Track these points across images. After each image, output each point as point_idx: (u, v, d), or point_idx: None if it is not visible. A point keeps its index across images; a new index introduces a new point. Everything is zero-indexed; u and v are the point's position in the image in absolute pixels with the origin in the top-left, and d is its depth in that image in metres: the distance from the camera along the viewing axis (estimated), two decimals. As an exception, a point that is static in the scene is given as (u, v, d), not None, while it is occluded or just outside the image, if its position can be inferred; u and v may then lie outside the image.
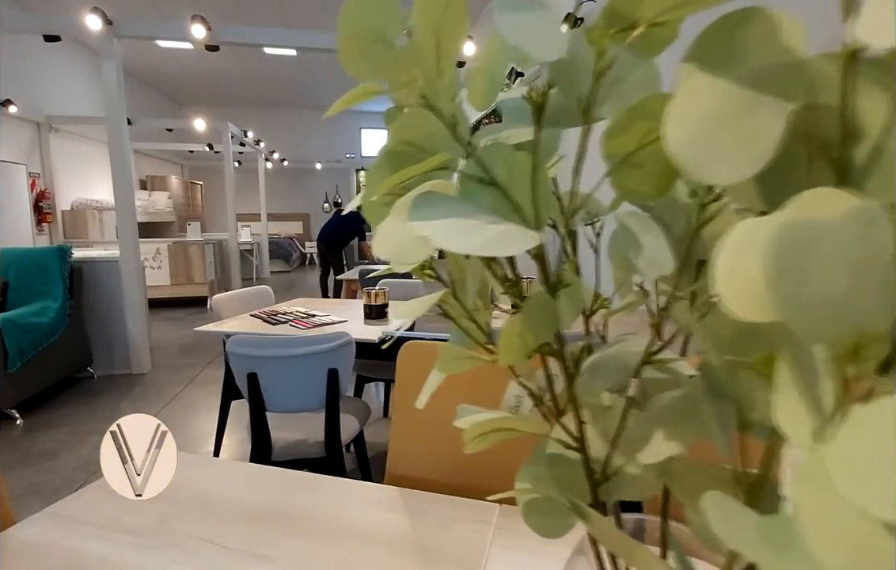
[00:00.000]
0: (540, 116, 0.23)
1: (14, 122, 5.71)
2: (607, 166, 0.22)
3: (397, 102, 0.29)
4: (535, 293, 0.24)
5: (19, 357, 2.69)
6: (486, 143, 0.24)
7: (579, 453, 0.27)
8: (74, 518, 0.74)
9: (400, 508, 0.76)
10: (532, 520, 0.30)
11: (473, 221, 0.21)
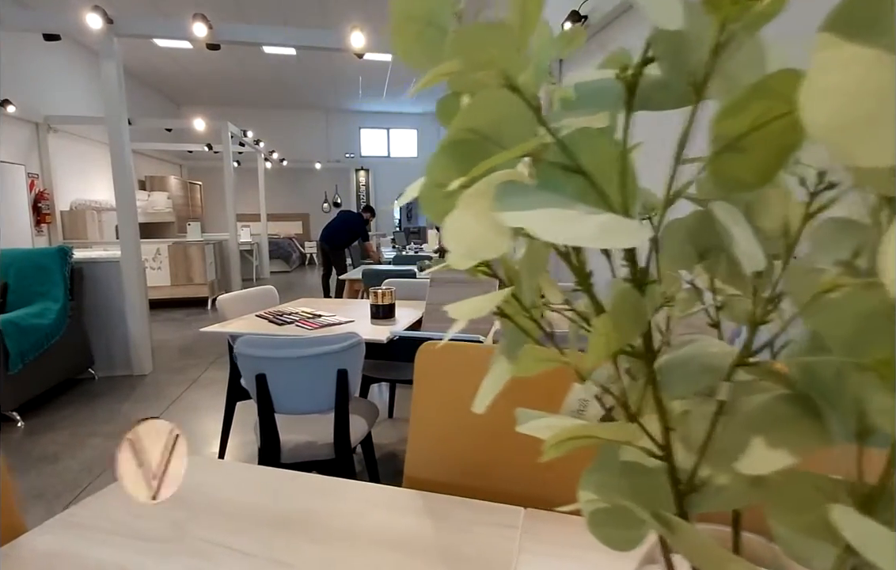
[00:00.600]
0: (631, 97, 0.21)
1: (12, 122, 5.67)
2: (711, 150, 0.20)
3: (461, 87, 0.28)
4: (622, 289, 0.22)
5: (20, 359, 2.66)
6: (569, 127, 0.22)
7: (663, 461, 0.25)
8: (87, 525, 0.72)
9: (421, 512, 0.74)
10: (600, 532, 0.29)
11: (570, 211, 0.19)
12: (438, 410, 0.89)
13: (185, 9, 5.57)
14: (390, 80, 9.78)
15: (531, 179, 0.24)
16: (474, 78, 0.23)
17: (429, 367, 0.87)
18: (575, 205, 0.20)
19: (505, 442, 0.87)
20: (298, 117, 12.05)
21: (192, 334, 4.96)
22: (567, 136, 0.22)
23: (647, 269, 0.23)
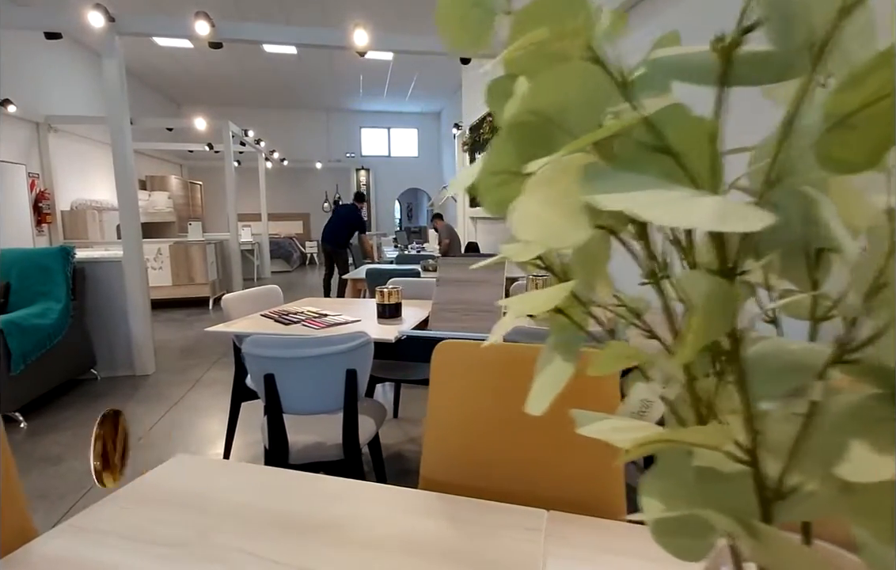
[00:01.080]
0: (727, 70, 0.19)
1: (13, 121, 5.65)
2: (821, 128, 0.18)
3: (520, 67, 0.26)
4: (715, 281, 0.20)
5: (22, 360, 2.64)
6: (657, 106, 0.20)
7: (748, 466, 0.23)
8: (101, 529, 0.70)
9: (441, 515, 0.72)
10: (667, 541, 0.27)
11: (675, 193, 0.17)
12: (455, 409, 0.88)
13: (186, 7, 5.56)
14: (391, 79, 9.76)
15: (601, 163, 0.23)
16: (549, 51, 0.21)
17: (445, 366, 0.85)
18: (672, 186, 0.18)
19: (522, 442, 0.85)
20: (299, 117, 12.02)
21: (193, 335, 4.94)
22: (656, 114, 0.20)
23: (738, 259, 0.21)
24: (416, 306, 2.31)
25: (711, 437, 0.22)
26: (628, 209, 0.16)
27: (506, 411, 0.86)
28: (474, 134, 6.94)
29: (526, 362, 0.86)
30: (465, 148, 7.56)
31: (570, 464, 0.80)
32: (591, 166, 0.19)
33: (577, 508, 0.73)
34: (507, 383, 0.86)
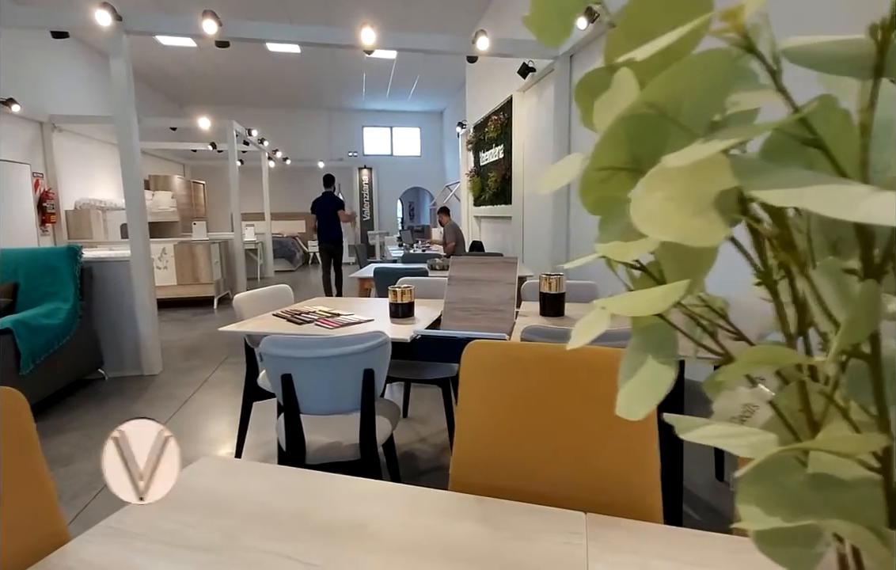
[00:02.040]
0: (882, 60, 0.18)
1: (17, 121, 5.64)
2: None
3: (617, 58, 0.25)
4: (868, 282, 0.19)
5: (31, 360, 2.64)
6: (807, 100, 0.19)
7: (878, 473, 0.22)
8: (133, 533, 0.69)
9: (476, 517, 0.71)
10: (773, 551, 0.26)
11: (849, 188, 0.16)
12: (485, 409, 0.87)
13: (188, 6, 5.55)
14: (394, 78, 9.74)
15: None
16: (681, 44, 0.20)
17: (475, 365, 0.84)
18: (837, 181, 0.17)
19: (555, 444, 0.84)
20: (301, 116, 12.01)
21: (198, 334, 4.94)
22: (809, 108, 0.19)
23: (885, 258, 0.20)
24: (427, 305, 2.30)
25: (848, 444, 0.21)
26: (806, 205, 0.15)
27: (538, 412, 0.85)
28: (478, 133, 6.92)
29: (557, 361, 0.85)
30: (469, 146, 7.55)
31: (605, 466, 0.79)
32: (741, 160, 0.18)
33: (613, 510, 0.72)
34: (539, 383, 0.85)
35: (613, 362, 0.81)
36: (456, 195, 9.53)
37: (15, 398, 0.69)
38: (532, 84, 4.98)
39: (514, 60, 4.64)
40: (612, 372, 0.88)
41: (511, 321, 2.02)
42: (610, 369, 0.81)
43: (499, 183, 5.97)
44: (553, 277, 2.09)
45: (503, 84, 5.72)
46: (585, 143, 4.17)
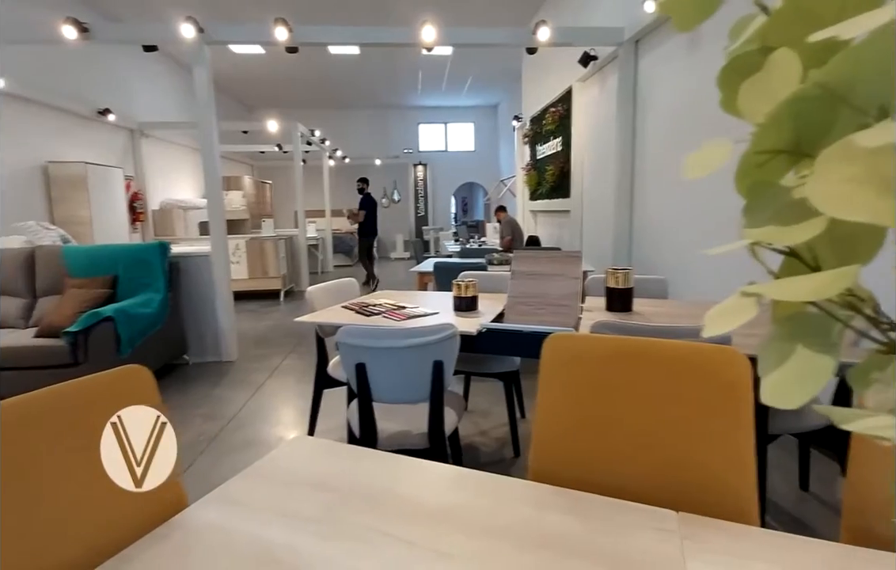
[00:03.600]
0: None
1: (112, 129, 6.25)
2: None
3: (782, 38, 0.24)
4: None
5: (129, 344, 2.93)
6: None
7: None
8: (242, 502, 0.76)
9: (564, 509, 0.72)
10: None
11: None
12: (566, 401, 0.87)
13: (257, 15, 5.87)
14: (449, 74, 9.78)
15: None
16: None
17: (557, 358, 0.84)
18: None
19: (642, 439, 0.82)
20: (359, 115, 12.37)
21: (268, 325, 5.24)
22: None
23: None
24: (487, 299, 2.31)
25: None
26: None
27: (621, 406, 0.83)
28: (535, 125, 6.80)
29: (641, 355, 0.83)
30: (525, 140, 7.44)
31: (696, 465, 0.77)
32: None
33: (705, 510, 0.70)
34: (622, 377, 0.83)
35: (701, 358, 0.78)
36: (511, 190, 9.44)
37: (143, 374, 0.77)
38: (593, 73, 4.82)
39: (573, 50, 4.51)
40: (700, 368, 0.84)
41: (576, 316, 1.99)
42: (698, 364, 0.78)
43: (556, 176, 5.85)
44: (620, 271, 2.03)
45: (562, 75, 5.59)
46: (650, 131, 3.96)
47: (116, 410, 0.71)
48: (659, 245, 3.58)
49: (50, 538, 0.63)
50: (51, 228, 3.90)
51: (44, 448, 0.65)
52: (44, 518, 0.64)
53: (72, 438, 0.68)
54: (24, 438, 0.63)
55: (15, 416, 0.63)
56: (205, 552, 0.65)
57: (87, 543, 0.66)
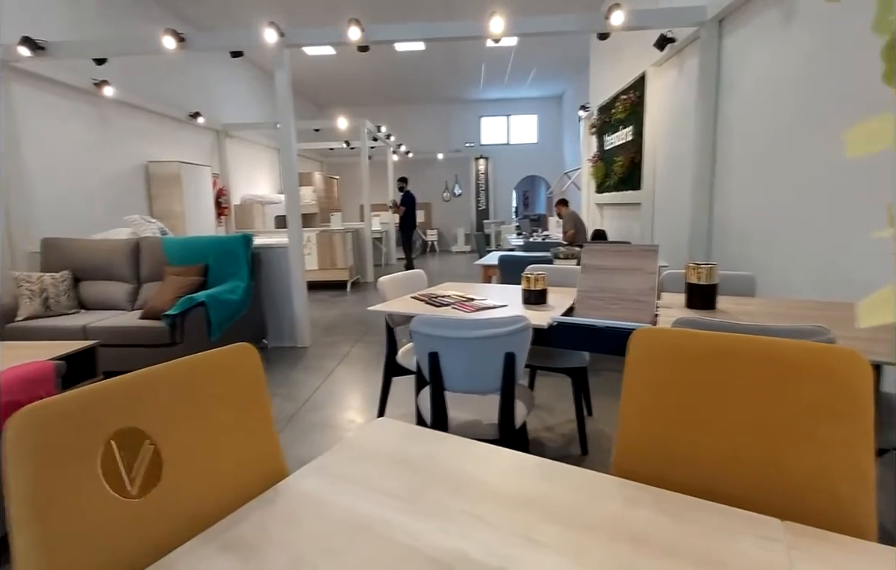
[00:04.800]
0: None
1: (200, 130, 6.81)
2: None
3: None
4: None
5: (219, 328, 3.19)
6: None
7: None
8: (336, 475, 0.81)
9: (654, 508, 0.70)
10: None
11: None
12: (653, 398, 0.84)
13: (327, 18, 6.13)
14: (513, 65, 9.64)
15: None
16: None
17: (644, 353, 0.81)
18: None
19: (739, 440, 0.78)
20: (423, 111, 12.55)
21: (336, 314, 5.50)
22: None
23: None
24: (554, 293, 2.27)
25: None
26: None
27: (716, 406, 0.79)
28: (603, 115, 6.55)
29: (742, 353, 0.78)
30: (592, 130, 7.18)
31: (804, 471, 0.71)
32: None
33: (812, 521, 0.65)
34: (719, 374, 0.79)
35: (814, 357, 0.72)
36: (575, 183, 9.16)
37: (251, 352, 0.85)
38: (670, 56, 4.55)
39: (647, 33, 4.28)
40: (813, 369, 0.78)
41: (652, 312, 1.90)
42: (809, 364, 0.73)
43: (626, 168, 5.59)
44: (704, 267, 1.91)
45: (634, 60, 5.32)
46: (735, 117, 3.68)
47: (231, 382, 0.79)
48: (743, 240, 3.32)
49: (180, 492, 0.72)
50: (152, 221, 4.34)
51: (171, 413, 0.74)
52: (174, 476, 0.72)
53: (193, 405, 0.77)
54: (156, 404, 0.72)
55: (148, 384, 0.72)
56: (307, 516, 0.70)
57: (210, 499, 0.74)
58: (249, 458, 0.81)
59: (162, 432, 0.72)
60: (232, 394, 0.81)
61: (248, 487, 0.78)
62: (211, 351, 0.82)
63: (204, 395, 0.77)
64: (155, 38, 3.61)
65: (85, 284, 3.68)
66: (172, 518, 0.68)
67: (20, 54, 3.67)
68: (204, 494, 0.74)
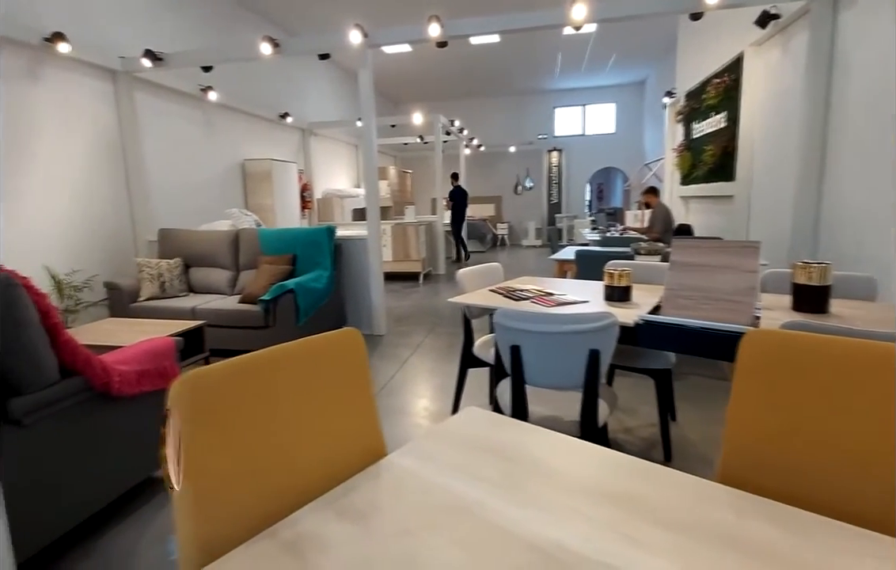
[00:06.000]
0: None
1: (288, 130, 7.30)
2: None
3: None
4: None
5: (305, 314, 3.43)
6: None
7: None
8: (431, 457, 0.85)
9: (765, 519, 0.66)
10: None
11: None
12: (766, 404, 0.79)
13: (404, 17, 6.27)
14: (591, 53, 9.27)
15: None
16: None
17: (760, 356, 0.77)
18: None
19: (860, 454, 0.72)
20: (494, 103, 12.47)
21: (409, 304, 5.66)
22: None
23: None
24: (638, 290, 2.17)
25: None
26: None
27: (838, 416, 0.73)
28: (692, 101, 6.10)
29: (865, 362, 0.71)
30: (678, 118, 6.73)
31: None
32: None
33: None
34: (841, 383, 0.73)
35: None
36: (657, 175, 8.64)
37: (356, 336, 0.91)
38: (773, 34, 4.14)
39: (746, 10, 3.92)
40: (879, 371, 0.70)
41: (751, 314, 1.77)
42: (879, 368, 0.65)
43: (718, 157, 5.18)
44: (815, 266, 1.74)
45: (730, 40, 4.90)
46: (852, 101, 3.29)
47: (340, 363, 0.85)
48: (857, 238, 2.96)
49: (300, 458, 0.80)
50: (248, 213, 4.74)
51: (292, 387, 0.82)
52: (296, 443, 0.80)
53: (309, 381, 0.84)
54: (280, 378, 0.80)
55: (275, 361, 0.80)
56: (409, 492, 0.75)
57: (324, 468, 0.81)
58: (355, 433, 0.88)
59: (286, 403, 0.80)
60: (341, 373, 0.88)
61: (354, 461, 0.84)
62: (323, 334, 0.89)
63: (318, 373, 0.85)
64: (254, 45, 3.92)
65: (193, 269, 4.12)
66: (294, 481, 0.76)
67: (142, 65, 4.15)
68: (319, 462, 0.82)
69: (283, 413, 0.79)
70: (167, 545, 1.69)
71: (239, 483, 0.70)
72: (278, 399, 0.78)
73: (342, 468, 0.82)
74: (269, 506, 0.71)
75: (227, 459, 0.70)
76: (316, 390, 0.84)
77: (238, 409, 0.72)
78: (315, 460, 0.82)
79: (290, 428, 0.79)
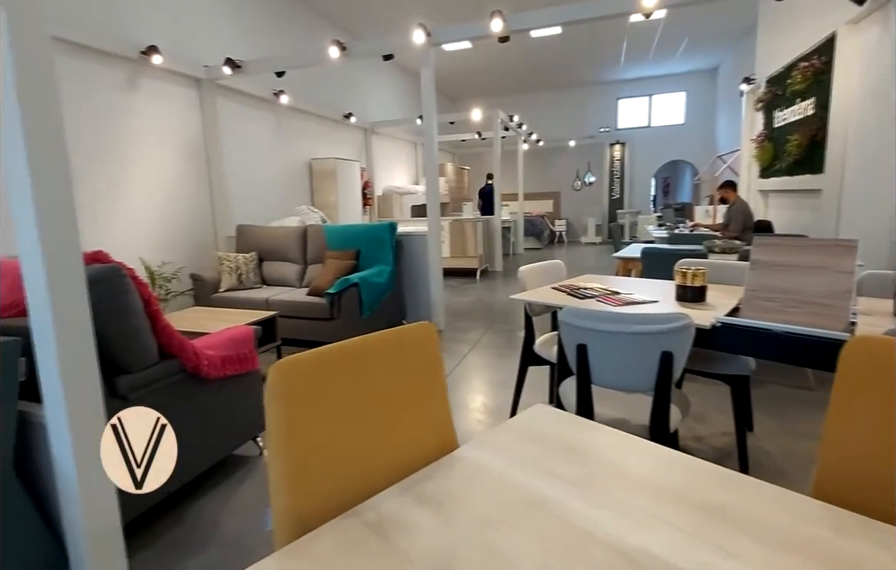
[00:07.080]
0: None
1: (352, 129, 7.56)
2: None
3: None
4: None
5: (368, 307, 3.55)
6: None
7: None
8: (503, 451, 0.86)
9: (876, 542, 0.61)
10: None
11: None
12: (872, 418, 0.73)
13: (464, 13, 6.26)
14: (660, 39, 8.80)
15: None
16: None
17: (871, 367, 0.71)
18: None
19: None
20: (554, 97, 12.18)
21: (467, 300, 5.69)
22: None
23: None
24: (713, 291, 2.05)
25: None
26: None
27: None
28: (774, 87, 5.63)
29: None
30: (758, 106, 6.24)
31: None
32: None
33: None
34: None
35: None
36: (731, 168, 8.07)
37: (430, 329, 0.94)
38: (872, 11, 3.72)
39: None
40: None
41: (846, 319, 1.62)
42: None
43: (804, 147, 4.74)
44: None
45: (820, 19, 4.47)
46: None
47: (416, 355, 0.89)
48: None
49: (381, 444, 0.84)
50: (315, 210, 4.97)
51: (374, 376, 0.86)
52: (377, 429, 0.84)
53: (388, 371, 0.88)
54: (364, 367, 0.84)
55: (359, 351, 0.84)
56: (483, 484, 0.76)
57: (402, 455, 0.85)
58: (430, 424, 0.91)
59: (370, 391, 0.84)
60: (418, 365, 0.91)
61: (429, 451, 0.87)
62: (399, 327, 0.93)
63: (397, 364, 0.89)
64: (324, 50, 4.10)
65: (266, 263, 4.39)
66: (375, 465, 0.80)
67: (223, 72, 4.47)
68: (398, 449, 0.85)
69: (368, 401, 0.83)
70: (262, 517, 1.84)
71: (328, 464, 0.75)
72: (363, 388, 0.83)
73: (417, 457, 0.86)
74: (353, 487, 0.75)
75: (318, 441, 0.75)
76: (396, 381, 0.88)
77: (327, 395, 0.77)
78: (395, 446, 0.85)
79: (374, 415, 0.84)
